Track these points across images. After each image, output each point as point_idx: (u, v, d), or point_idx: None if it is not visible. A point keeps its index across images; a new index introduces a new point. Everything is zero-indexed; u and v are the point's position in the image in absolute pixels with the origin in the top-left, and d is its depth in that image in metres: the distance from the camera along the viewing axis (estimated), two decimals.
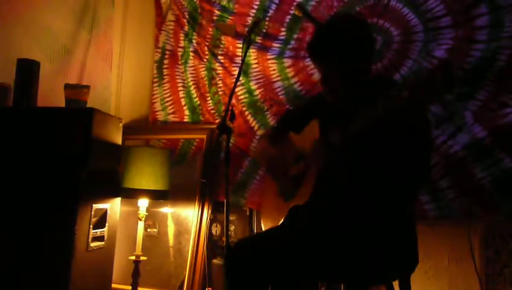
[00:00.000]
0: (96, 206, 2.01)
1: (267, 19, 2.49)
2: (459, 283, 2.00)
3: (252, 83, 2.52)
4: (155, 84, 2.82)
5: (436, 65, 1.08)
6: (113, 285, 2.27)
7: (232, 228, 2.45)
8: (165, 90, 2.79)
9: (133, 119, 2.84)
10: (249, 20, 2.54)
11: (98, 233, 2.03)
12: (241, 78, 2.48)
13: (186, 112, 2.72)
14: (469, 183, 1.94)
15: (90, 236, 1.96)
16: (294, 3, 2.40)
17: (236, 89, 2.48)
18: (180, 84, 2.76)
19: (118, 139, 2.21)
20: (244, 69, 2.49)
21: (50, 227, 1.87)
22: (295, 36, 2.42)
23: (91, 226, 1.97)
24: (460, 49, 2.01)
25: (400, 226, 1.35)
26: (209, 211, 2.44)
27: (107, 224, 2.10)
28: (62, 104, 2.16)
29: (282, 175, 1.61)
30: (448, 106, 2.00)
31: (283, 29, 2.46)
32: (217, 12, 2.64)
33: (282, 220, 1.51)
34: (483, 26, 1.97)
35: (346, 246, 1.28)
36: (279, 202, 1.60)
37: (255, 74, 2.52)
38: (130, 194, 2.23)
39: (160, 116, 2.78)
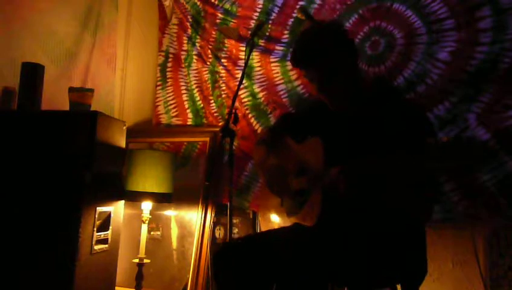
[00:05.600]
0: (100, 209, 2.01)
1: (270, 22, 2.49)
2: (463, 286, 1.99)
3: (255, 86, 2.53)
4: (158, 88, 2.83)
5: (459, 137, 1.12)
6: (117, 288, 2.27)
7: (235, 231, 2.45)
8: (168, 93, 2.80)
9: (137, 122, 2.85)
10: (252, 23, 2.55)
11: (102, 236, 2.04)
12: (244, 81, 2.49)
13: (190, 115, 2.73)
14: (473, 186, 1.93)
15: (94, 239, 1.97)
16: (297, 6, 2.41)
17: (240, 92, 2.47)
18: (184, 88, 2.76)
19: (122, 142, 2.22)
20: (248, 72, 2.49)
21: (54, 230, 1.87)
22: None
23: (95, 229, 1.97)
24: (463, 52, 2.00)
25: (409, 233, 1.35)
26: (213, 214, 2.43)
27: (110, 227, 2.10)
28: (66, 107, 2.17)
29: (283, 189, 1.56)
30: (451, 108, 2.00)
31: (286, 32, 2.46)
32: (220, 15, 2.64)
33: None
34: (487, 28, 1.96)
35: (354, 250, 1.28)
36: (280, 208, 1.59)
37: (258, 76, 2.52)
38: (134, 197, 2.23)
39: (164, 119, 2.79)
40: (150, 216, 2.27)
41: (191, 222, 2.49)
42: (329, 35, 1.46)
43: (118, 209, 2.19)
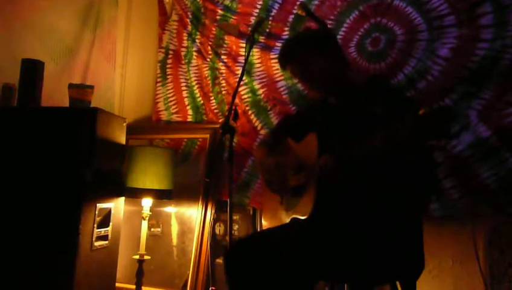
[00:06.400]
0: (100, 205, 2.01)
1: (271, 18, 2.48)
2: (463, 283, 1.99)
3: (255, 83, 2.52)
4: (158, 84, 2.82)
5: (437, 108, 1.15)
6: (117, 284, 2.28)
7: (235, 227, 2.45)
8: (168, 90, 2.79)
9: (137, 118, 2.84)
10: (252, 19, 2.54)
11: (102, 232, 2.04)
12: (244, 78, 2.48)
13: (190, 112, 2.72)
14: (474, 183, 1.92)
15: (95, 235, 1.97)
16: (298, 3, 2.40)
17: (240, 89, 2.46)
18: (184, 84, 2.76)
19: (122, 138, 2.22)
20: (248, 68, 2.49)
21: (54, 226, 1.87)
22: None
23: (95, 226, 1.98)
24: (464, 48, 1.99)
25: (406, 228, 1.35)
26: (213, 211, 2.44)
27: (111, 223, 2.11)
28: (66, 104, 2.17)
29: (282, 187, 1.59)
30: (452, 105, 1.99)
31: (286, 28, 2.45)
32: (220, 12, 2.64)
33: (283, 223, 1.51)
34: (488, 25, 1.95)
35: (352, 246, 1.28)
36: (280, 206, 1.60)
37: (258, 73, 2.52)
38: (134, 194, 2.23)
39: (164, 115, 2.78)
40: (150, 213, 2.27)
41: (191, 218, 2.49)
42: (302, 37, 1.65)
43: (118, 206, 2.19)
